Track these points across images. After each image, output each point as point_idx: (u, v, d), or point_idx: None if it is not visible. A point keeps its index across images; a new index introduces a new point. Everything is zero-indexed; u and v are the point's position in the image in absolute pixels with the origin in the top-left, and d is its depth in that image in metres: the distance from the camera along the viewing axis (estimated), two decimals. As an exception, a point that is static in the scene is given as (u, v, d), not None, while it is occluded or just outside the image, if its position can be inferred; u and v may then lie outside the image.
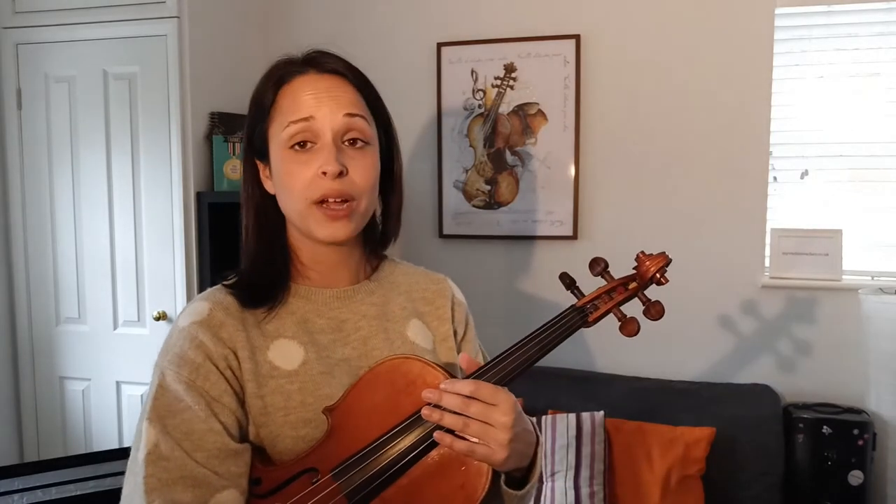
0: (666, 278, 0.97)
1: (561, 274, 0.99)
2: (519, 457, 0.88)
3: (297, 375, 0.94)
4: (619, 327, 0.95)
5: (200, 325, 0.93)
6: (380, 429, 0.89)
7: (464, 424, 0.84)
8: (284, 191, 0.96)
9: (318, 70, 0.96)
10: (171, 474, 0.85)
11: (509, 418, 0.83)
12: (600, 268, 0.97)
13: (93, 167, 2.51)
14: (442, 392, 0.85)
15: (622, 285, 0.98)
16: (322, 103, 0.93)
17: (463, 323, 1.12)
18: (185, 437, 0.87)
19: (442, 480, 0.87)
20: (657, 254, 0.98)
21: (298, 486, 0.88)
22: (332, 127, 0.93)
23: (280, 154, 0.95)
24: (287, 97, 0.95)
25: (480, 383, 0.86)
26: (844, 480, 2.18)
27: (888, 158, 2.39)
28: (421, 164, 2.71)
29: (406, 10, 2.71)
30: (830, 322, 2.38)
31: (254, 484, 0.91)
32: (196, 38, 2.44)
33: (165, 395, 0.90)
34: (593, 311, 0.96)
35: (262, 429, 0.92)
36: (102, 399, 2.58)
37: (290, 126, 0.93)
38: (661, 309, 0.95)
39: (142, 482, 0.85)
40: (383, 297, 1.06)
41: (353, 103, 0.96)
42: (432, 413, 0.85)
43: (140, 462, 0.86)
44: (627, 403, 2.34)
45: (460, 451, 0.84)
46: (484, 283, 2.67)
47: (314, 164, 0.93)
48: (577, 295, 0.98)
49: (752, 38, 2.40)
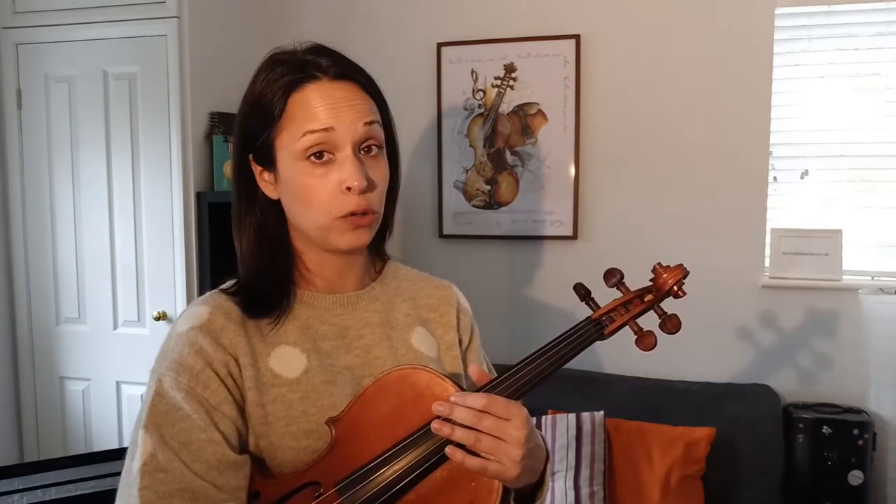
0: (683, 291, 0.93)
1: (576, 285, 0.95)
2: (530, 473, 0.85)
3: (298, 384, 0.91)
4: (636, 341, 0.91)
5: (200, 329, 0.90)
6: (386, 442, 0.85)
7: (476, 439, 0.80)
8: (301, 202, 0.91)
9: (330, 77, 0.91)
10: (169, 486, 0.81)
11: (523, 433, 0.80)
12: (616, 279, 0.93)
13: (93, 167, 2.51)
14: (453, 405, 0.82)
15: (638, 297, 0.94)
16: (341, 114, 0.89)
17: (468, 331, 1.09)
18: (183, 447, 0.83)
19: (451, 497, 0.83)
20: (675, 266, 0.94)
21: (300, 500, 0.85)
22: (352, 138, 0.90)
23: (294, 165, 0.90)
24: (299, 106, 0.90)
25: (494, 397, 0.83)
26: (844, 480, 2.18)
27: (888, 158, 2.39)
28: (421, 164, 2.71)
29: (406, 10, 2.71)
30: (830, 322, 2.38)
31: (252, 497, 0.87)
32: (196, 38, 2.44)
33: (163, 402, 0.86)
34: (609, 324, 0.92)
35: (263, 439, 0.89)
36: (102, 399, 2.58)
37: (308, 136, 0.89)
38: (677, 322, 0.92)
39: (137, 494, 0.81)
40: (387, 304, 1.03)
41: (370, 110, 0.92)
42: (443, 427, 0.82)
43: (135, 473, 0.82)
44: (627, 403, 2.34)
45: (472, 467, 0.81)
46: (484, 283, 2.67)
47: (334, 177, 0.89)
48: (592, 307, 0.94)
49: (752, 38, 2.40)
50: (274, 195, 0.95)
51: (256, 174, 0.96)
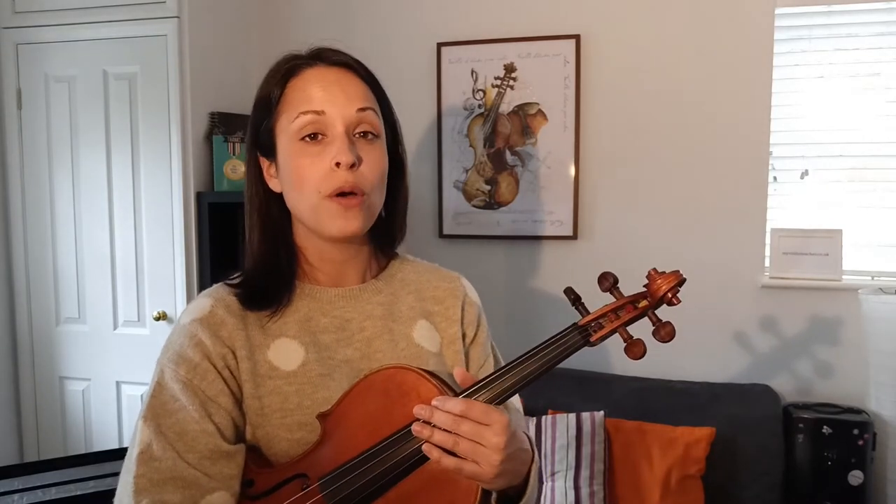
0: (678, 298, 0.90)
1: (566, 289, 0.93)
2: (511, 475, 0.85)
3: (295, 377, 0.93)
4: (625, 349, 0.89)
5: (201, 322, 0.93)
6: (371, 439, 0.87)
7: (454, 443, 0.81)
8: (295, 185, 0.94)
9: (326, 63, 0.95)
10: (162, 475, 0.85)
11: (501, 439, 0.81)
12: (609, 283, 0.91)
13: (93, 167, 2.51)
14: (433, 409, 0.83)
15: (631, 303, 0.91)
16: (334, 96, 0.92)
17: (474, 324, 1.09)
18: (178, 437, 0.87)
19: (431, 496, 0.85)
20: (670, 272, 0.90)
21: (288, 491, 0.88)
22: (344, 120, 0.92)
23: (289, 147, 0.94)
24: (296, 90, 0.94)
25: (472, 402, 0.83)
26: (844, 480, 2.18)
27: (888, 158, 2.39)
28: (421, 165, 2.71)
29: (406, 10, 2.71)
30: (830, 322, 2.38)
31: (247, 485, 0.90)
32: (196, 38, 2.44)
33: (163, 393, 0.90)
34: (597, 331, 0.89)
35: (259, 430, 0.92)
36: (102, 399, 2.58)
37: (301, 117, 0.92)
38: (671, 330, 0.88)
39: (132, 481, 0.85)
40: (391, 297, 1.04)
41: (364, 96, 0.95)
42: (422, 430, 0.83)
43: (133, 460, 0.87)
44: (627, 403, 2.34)
45: (447, 467, 0.82)
46: (484, 283, 2.64)
47: (326, 156, 0.91)
48: (581, 312, 0.91)
49: (752, 38, 2.40)
50: (278, 188, 0.98)
51: (264, 169, 0.99)
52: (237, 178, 2.50)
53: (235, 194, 2.47)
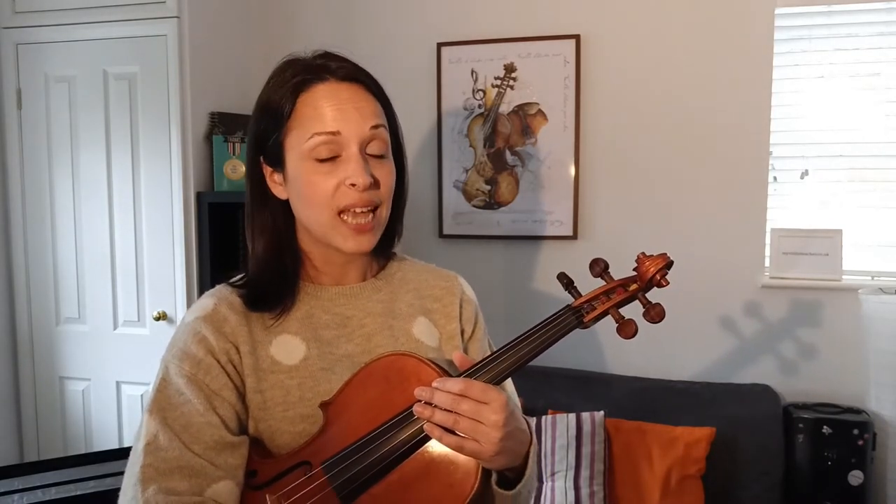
0: (667, 280, 0.93)
1: (559, 274, 0.97)
2: (511, 455, 0.87)
3: (296, 371, 0.96)
4: (617, 329, 0.92)
5: (204, 319, 0.95)
6: (373, 424, 0.89)
7: (454, 421, 0.84)
8: (306, 201, 0.95)
9: (337, 77, 0.95)
10: (169, 464, 0.87)
11: (500, 416, 0.83)
12: (600, 268, 0.94)
13: (93, 167, 2.51)
14: (434, 390, 0.86)
15: (621, 286, 0.95)
16: (347, 114, 0.93)
17: (471, 321, 1.11)
18: (183, 429, 0.89)
19: (432, 478, 0.87)
20: (657, 255, 0.94)
21: (292, 478, 0.90)
22: (358, 139, 0.93)
23: (301, 165, 0.94)
24: (307, 106, 0.93)
25: (471, 381, 0.86)
26: (844, 480, 2.18)
27: (888, 158, 2.39)
28: (421, 164, 2.71)
29: (406, 10, 2.71)
30: (830, 322, 2.38)
31: (250, 476, 0.92)
32: (196, 38, 2.44)
33: (168, 388, 0.92)
34: (589, 312, 0.93)
35: (261, 423, 0.94)
36: (102, 399, 2.58)
37: (315, 137, 0.92)
38: (661, 311, 0.91)
39: (139, 471, 0.87)
40: (391, 295, 1.06)
41: (375, 112, 0.96)
42: (424, 410, 0.86)
43: (139, 452, 0.89)
44: (627, 403, 2.34)
45: (448, 444, 0.85)
46: (484, 283, 2.66)
47: (339, 175, 0.93)
48: (574, 294, 0.95)
49: (752, 38, 2.40)
50: (283, 195, 0.99)
51: (266, 175, 0.99)
52: (237, 178, 2.50)
53: (235, 194, 2.47)
